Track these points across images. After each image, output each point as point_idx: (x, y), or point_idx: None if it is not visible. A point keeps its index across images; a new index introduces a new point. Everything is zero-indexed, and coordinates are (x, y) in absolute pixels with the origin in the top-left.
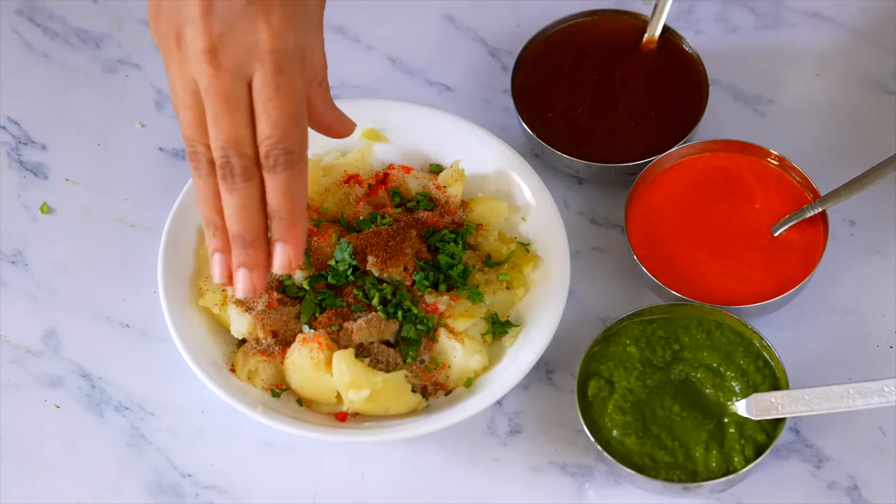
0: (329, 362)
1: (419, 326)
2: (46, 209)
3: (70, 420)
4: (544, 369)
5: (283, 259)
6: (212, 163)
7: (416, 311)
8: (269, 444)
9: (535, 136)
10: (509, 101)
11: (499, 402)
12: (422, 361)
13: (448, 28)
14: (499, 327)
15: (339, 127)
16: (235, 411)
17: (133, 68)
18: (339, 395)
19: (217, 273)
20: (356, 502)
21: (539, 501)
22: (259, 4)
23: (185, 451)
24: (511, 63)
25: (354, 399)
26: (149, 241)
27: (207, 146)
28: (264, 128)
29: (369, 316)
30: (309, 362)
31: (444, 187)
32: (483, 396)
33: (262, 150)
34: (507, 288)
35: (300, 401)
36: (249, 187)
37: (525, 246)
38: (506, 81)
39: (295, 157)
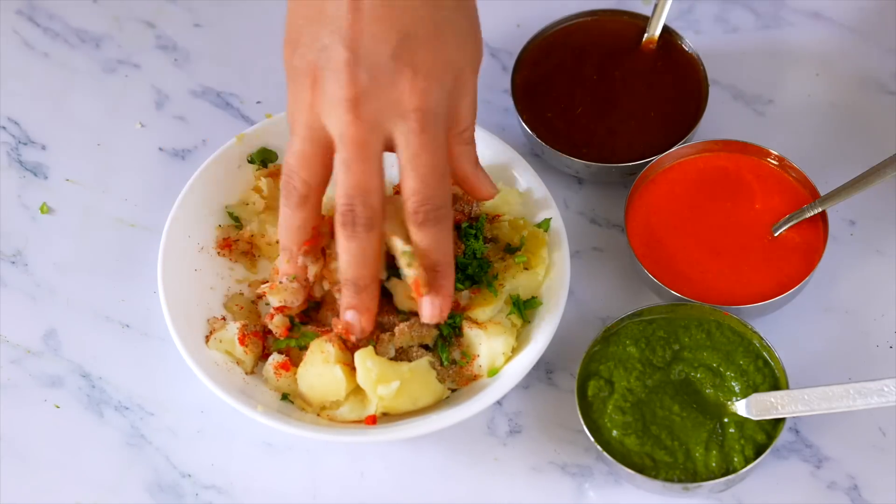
0: (339, 359)
1: (449, 321)
2: (46, 209)
3: (70, 420)
4: (544, 369)
5: (433, 311)
6: (304, 198)
7: None
8: (269, 444)
9: (535, 136)
10: (509, 101)
11: (499, 402)
12: (453, 362)
13: None
14: (517, 308)
15: (480, 189)
16: (235, 411)
17: (133, 68)
18: (350, 391)
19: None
20: (356, 502)
21: (539, 501)
22: (405, 60)
23: (185, 451)
24: (511, 63)
25: (384, 394)
26: (149, 241)
27: (304, 182)
28: (411, 183)
29: (411, 320)
30: (319, 356)
31: None
32: (483, 396)
33: (410, 205)
34: (526, 269)
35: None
36: (370, 238)
37: (541, 227)
38: (506, 81)
39: (443, 212)
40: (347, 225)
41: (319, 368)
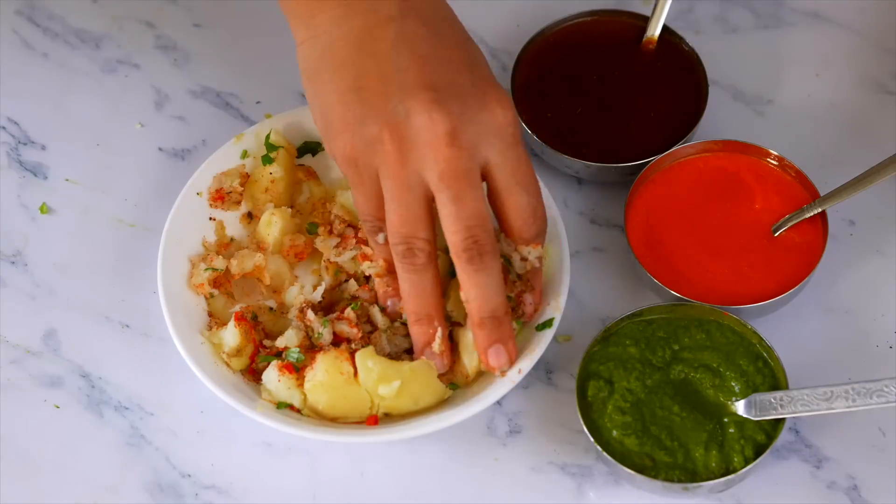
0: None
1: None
2: (46, 209)
3: (70, 420)
4: (544, 369)
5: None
6: (430, 256)
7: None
8: (269, 444)
9: (535, 137)
10: None
11: (498, 403)
12: None
13: None
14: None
15: None
16: (235, 411)
17: (133, 68)
18: (372, 403)
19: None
20: (356, 502)
21: (539, 501)
22: (484, 82)
23: (185, 451)
24: (511, 63)
25: (385, 394)
26: (149, 241)
27: (423, 240)
28: (522, 199)
29: (395, 323)
30: (340, 378)
31: None
32: (483, 396)
33: (525, 220)
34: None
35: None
36: (496, 264)
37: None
38: (506, 81)
39: (546, 223)
40: (475, 258)
41: (343, 390)
